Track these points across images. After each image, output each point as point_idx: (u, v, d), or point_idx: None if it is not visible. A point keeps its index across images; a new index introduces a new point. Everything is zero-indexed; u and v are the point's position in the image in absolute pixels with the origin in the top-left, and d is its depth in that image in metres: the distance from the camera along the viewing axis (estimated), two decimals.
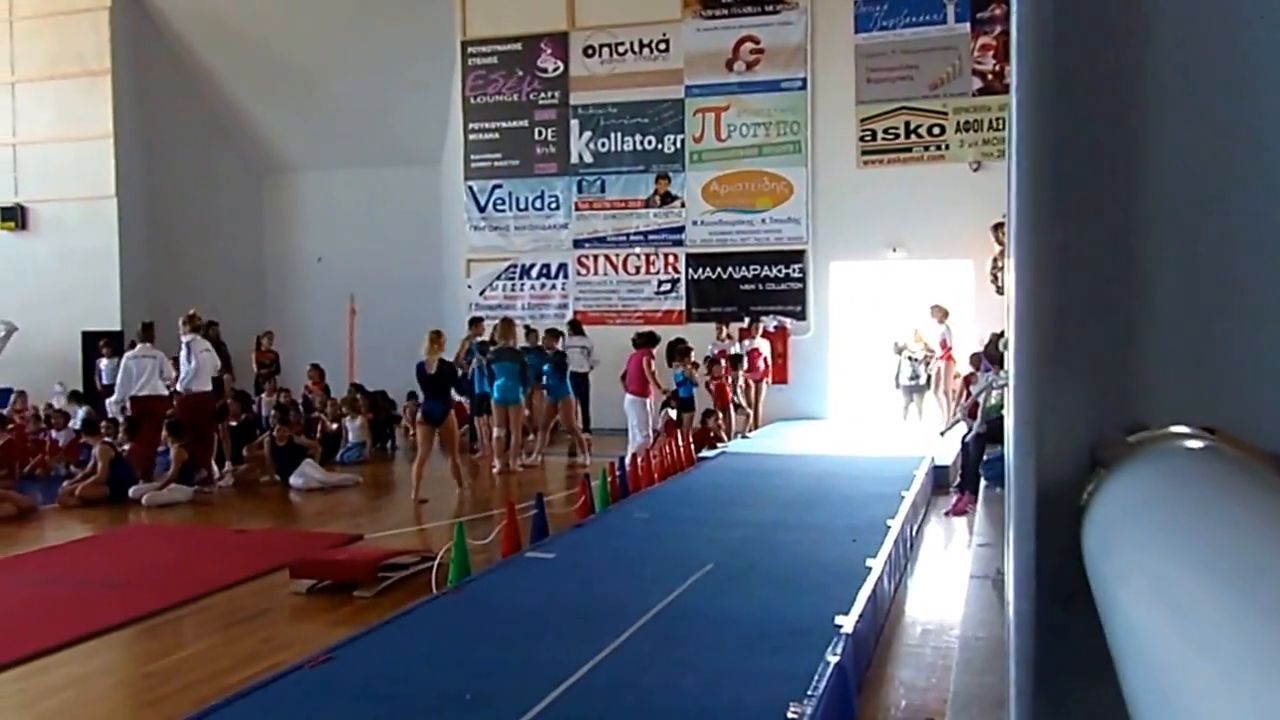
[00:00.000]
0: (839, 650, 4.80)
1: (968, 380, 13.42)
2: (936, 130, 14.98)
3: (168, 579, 7.40)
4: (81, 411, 13.87)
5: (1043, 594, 1.02)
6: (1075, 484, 1.00)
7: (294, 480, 11.47)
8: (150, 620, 6.52)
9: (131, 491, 10.84)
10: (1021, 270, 1.05)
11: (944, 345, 13.85)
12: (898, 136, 15.14)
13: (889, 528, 7.48)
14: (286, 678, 5.06)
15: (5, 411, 13.17)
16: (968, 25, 14.82)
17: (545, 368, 12.98)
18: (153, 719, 4.88)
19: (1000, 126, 14.36)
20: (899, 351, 14.30)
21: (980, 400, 8.41)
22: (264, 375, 14.24)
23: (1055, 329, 1.02)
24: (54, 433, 13.59)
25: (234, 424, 12.72)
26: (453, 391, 11.61)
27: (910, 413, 14.24)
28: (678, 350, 13.41)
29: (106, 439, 11.51)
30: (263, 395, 13.70)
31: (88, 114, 17.45)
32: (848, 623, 5.21)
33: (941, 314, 13.90)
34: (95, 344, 16.07)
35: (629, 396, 12.45)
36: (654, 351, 12.80)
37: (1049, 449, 1.02)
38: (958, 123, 14.90)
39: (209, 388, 11.77)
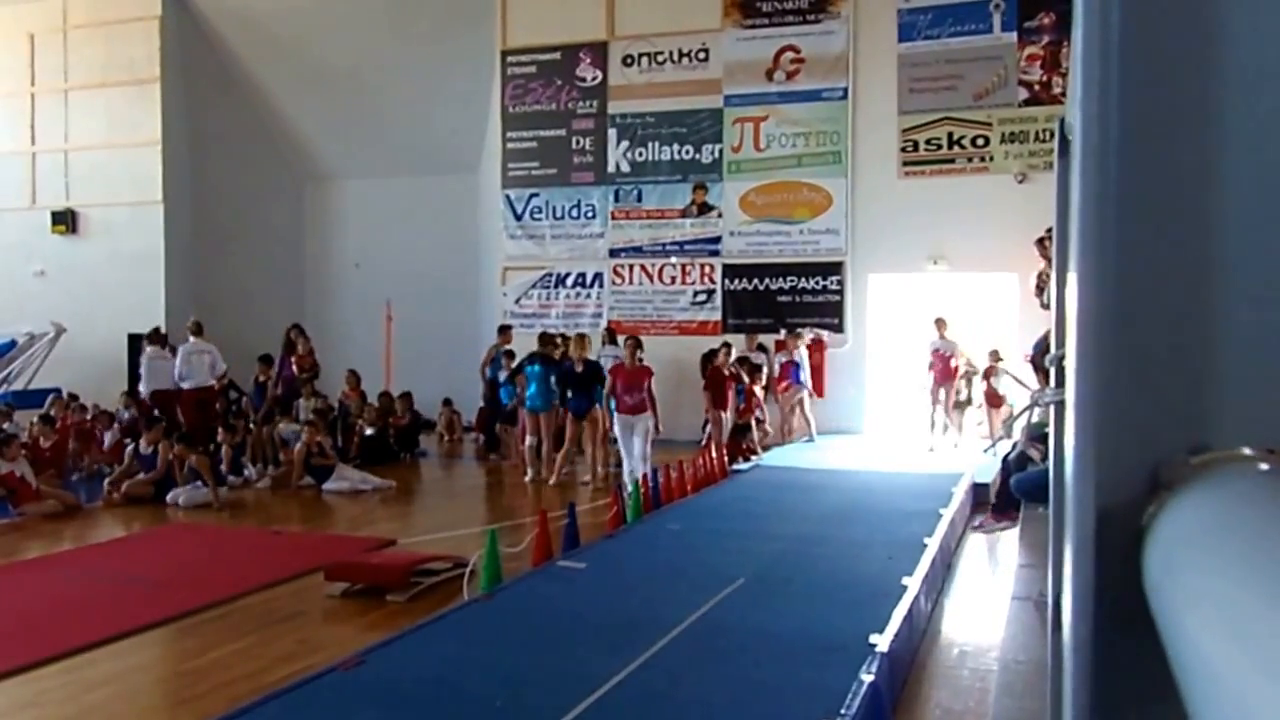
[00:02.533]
0: (874, 669, 4.75)
1: (988, 373, 13.38)
2: (980, 141, 14.87)
3: (206, 578, 7.46)
4: (127, 412, 14.04)
5: (1101, 617, 0.99)
6: (1136, 505, 0.97)
7: (329, 484, 11.55)
8: (188, 619, 6.58)
9: (169, 497, 10.92)
10: (1085, 286, 1.02)
11: (939, 356, 13.51)
12: (940, 147, 15.04)
13: (926, 545, 7.41)
14: (320, 679, 5.08)
15: (52, 412, 13.34)
16: (1014, 35, 14.70)
17: (530, 370, 12.56)
18: (190, 716, 4.91)
19: (1046, 138, 14.23)
20: None
21: (1026, 417, 8.32)
22: (303, 380, 14.36)
23: (1118, 347, 1.00)
24: (100, 432, 13.77)
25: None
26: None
27: (951, 428, 14.12)
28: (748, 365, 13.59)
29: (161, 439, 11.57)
30: (300, 400, 13.80)
31: (137, 121, 17.73)
32: (883, 641, 5.16)
33: (941, 326, 13.62)
34: (140, 345, 16.25)
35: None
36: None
37: (1109, 469, 0.99)
38: (1002, 134, 14.78)
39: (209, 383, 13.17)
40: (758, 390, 13.88)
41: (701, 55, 16.04)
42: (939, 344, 13.62)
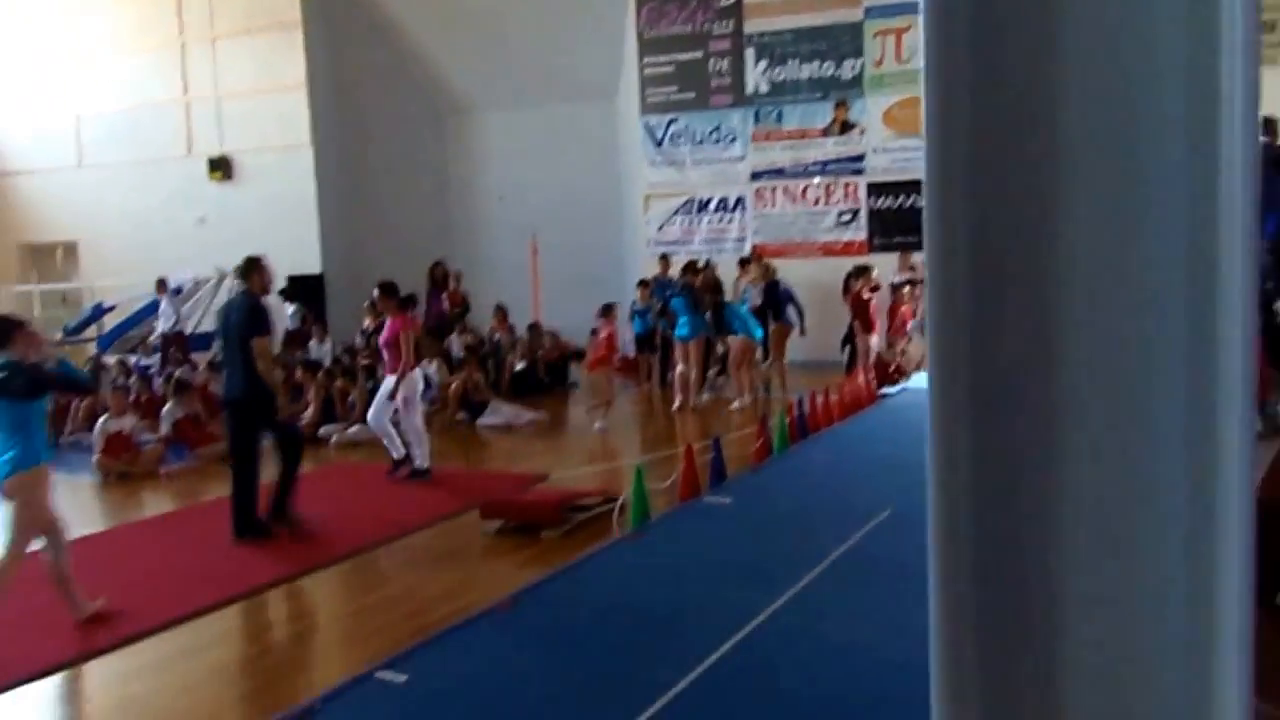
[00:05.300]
0: None
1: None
2: None
3: (369, 518, 7.77)
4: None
5: None
6: None
7: (483, 420, 11.87)
8: (355, 558, 6.91)
9: (321, 431, 11.38)
10: None
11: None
12: None
13: None
14: (481, 620, 5.30)
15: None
16: None
17: (676, 303, 12.55)
18: (361, 654, 5.15)
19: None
20: None
21: None
22: (456, 316, 14.74)
23: None
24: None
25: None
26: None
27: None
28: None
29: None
30: (453, 336, 14.17)
31: (282, 66, 18.23)
32: None
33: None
34: (299, 288, 16.85)
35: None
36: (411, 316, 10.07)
37: None
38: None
39: None
40: (904, 310, 13.63)
41: None
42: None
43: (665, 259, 15.01)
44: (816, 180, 15.98)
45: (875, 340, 13.19)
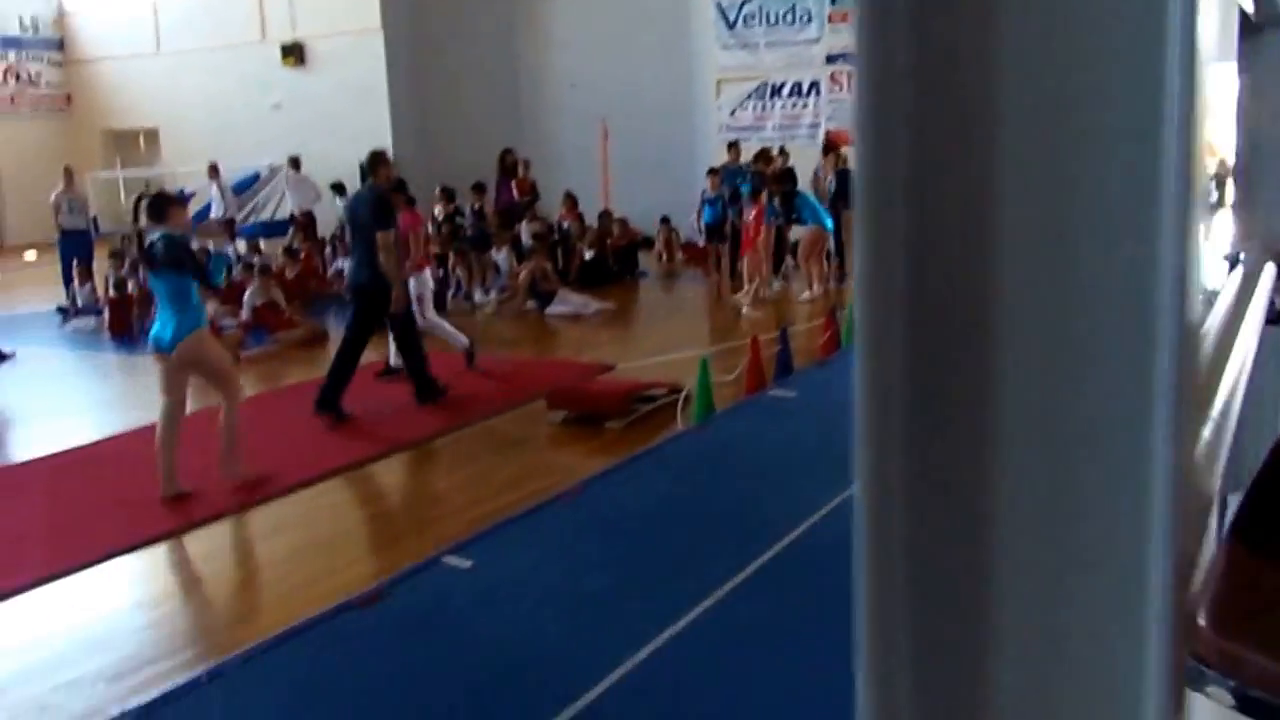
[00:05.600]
0: None
1: None
2: None
3: (437, 406, 7.88)
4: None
5: None
6: None
7: (552, 308, 11.95)
8: (422, 445, 7.08)
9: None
10: None
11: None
12: None
13: None
14: (546, 508, 5.45)
15: (294, 244, 14.16)
16: None
17: (745, 190, 12.46)
18: (432, 539, 5.31)
19: None
20: None
21: None
22: (525, 204, 14.74)
23: None
24: (339, 260, 14.59)
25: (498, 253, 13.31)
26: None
27: None
28: None
29: None
30: (522, 224, 14.18)
31: None
32: None
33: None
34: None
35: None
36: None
37: None
38: None
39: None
40: None
41: None
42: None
43: (735, 145, 14.76)
44: None
45: None
